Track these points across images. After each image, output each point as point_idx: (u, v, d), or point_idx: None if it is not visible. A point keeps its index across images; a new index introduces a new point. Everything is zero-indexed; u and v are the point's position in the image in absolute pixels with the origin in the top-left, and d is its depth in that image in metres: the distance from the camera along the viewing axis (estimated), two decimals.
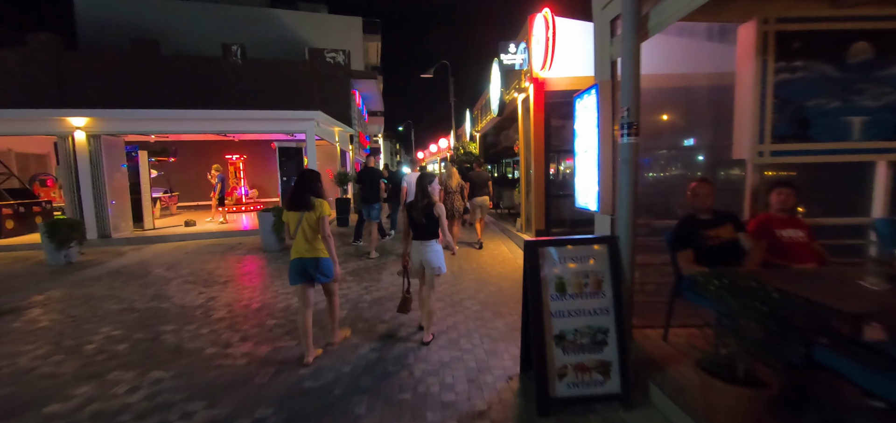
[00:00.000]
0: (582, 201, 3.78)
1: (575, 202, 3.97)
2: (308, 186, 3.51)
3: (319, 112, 10.56)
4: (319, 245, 3.53)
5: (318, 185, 3.56)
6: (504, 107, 9.22)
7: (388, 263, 7.24)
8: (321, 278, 3.59)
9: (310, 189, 3.50)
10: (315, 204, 3.47)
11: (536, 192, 7.01)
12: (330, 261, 3.60)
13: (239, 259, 7.89)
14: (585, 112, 3.54)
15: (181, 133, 10.54)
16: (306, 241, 3.50)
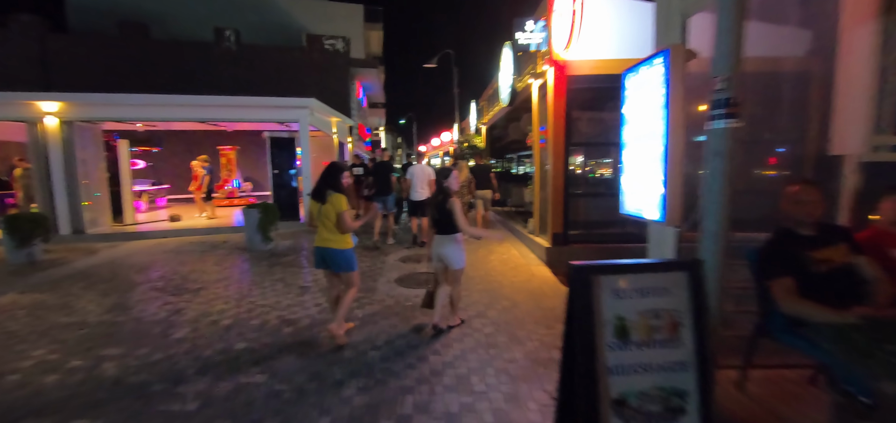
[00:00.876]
0: (632, 207, 2.95)
1: (620, 207, 3.13)
2: (327, 179, 3.65)
3: (313, 100, 9.72)
4: (335, 236, 3.64)
5: (338, 179, 3.64)
6: (515, 96, 8.36)
7: (380, 269, 6.43)
8: (335, 268, 3.74)
9: (328, 182, 3.63)
10: (329, 198, 3.58)
11: (553, 190, 6.17)
12: (345, 253, 3.68)
13: (219, 260, 7.08)
14: (640, 90, 2.70)
15: (161, 120, 9.71)
16: (325, 230, 3.65)
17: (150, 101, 9.05)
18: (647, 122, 2.62)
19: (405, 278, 5.81)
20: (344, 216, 3.55)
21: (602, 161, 8.15)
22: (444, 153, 28.16)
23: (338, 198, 3.57)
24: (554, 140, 6.08)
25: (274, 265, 6.69)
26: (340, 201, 3.57)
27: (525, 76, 7.78)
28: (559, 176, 6.13)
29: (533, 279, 5.69)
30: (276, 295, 5.20)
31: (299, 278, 5.90)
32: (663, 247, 2.81)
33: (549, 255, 6.27)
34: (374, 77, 20.59)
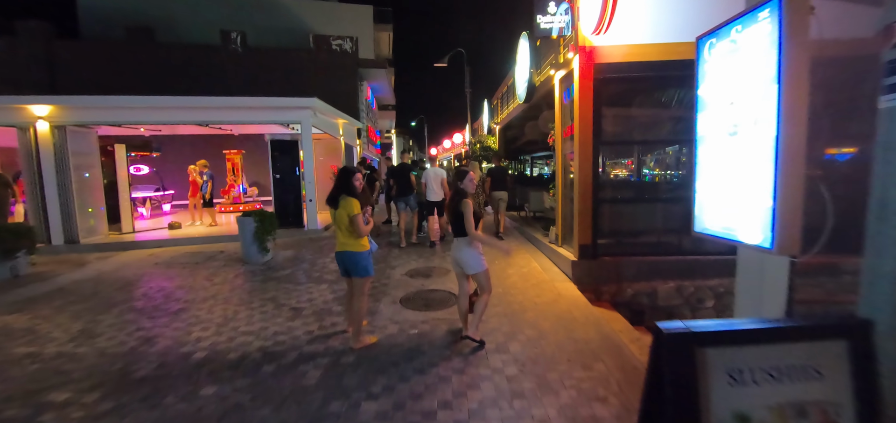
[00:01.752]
0: (714, 224, 2.19)
1: (694, 224, 2.36)
2: (340, 184, 3.66)
3: (316, 99, 9.11)
4: (351, 240, 3.64)
5: (350, 182, 3.64)
6: (533, 91, 7.60)
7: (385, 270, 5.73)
8: (351, 272, 3.74)
9: (341, 186, 3.64)
10: (341, 202, 3.61)
11: (580, 195, 5.40)
12: (361, 256, 3.67)
13: (212, 274, 6.48)
14: (730, 61, 1.93)
15: (158, 123, 9.22)
16: (342, 234, 3.67)
17: (143, 103, 8.56)
18: (743, 106, 1.85)
19: (412, 298, 5.10)
20: (356, 220, 3.53)
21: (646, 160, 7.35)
22: (456, 156, 27.46)
23: (349, 202, 3.56)
24: (580, 138, 5.31)
25: (268, 280, 6.05)
26: (351, 205, 3.55)
27: (545, 68, 7.01)
28: (587, 179, 5.35)
29: (559, 300, 4.92)
30: (263, 319, 4.54)
31: (293, 297, 5.24)
32: (766, 286, 2.06)
33: (575, 270, 5.49)
34: (384, 78, 20.03)
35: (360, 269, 3.68)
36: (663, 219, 5.90)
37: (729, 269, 5.54)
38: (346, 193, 3.60)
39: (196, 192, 9.94)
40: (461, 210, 3.58)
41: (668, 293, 5.55)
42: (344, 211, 3.56)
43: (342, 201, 3.58)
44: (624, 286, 5.53)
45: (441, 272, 6.16)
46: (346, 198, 3.58)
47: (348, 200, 3.56)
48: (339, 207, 3.60)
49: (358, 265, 3.66)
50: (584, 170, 5.33)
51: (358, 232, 3.55)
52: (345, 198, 3.58)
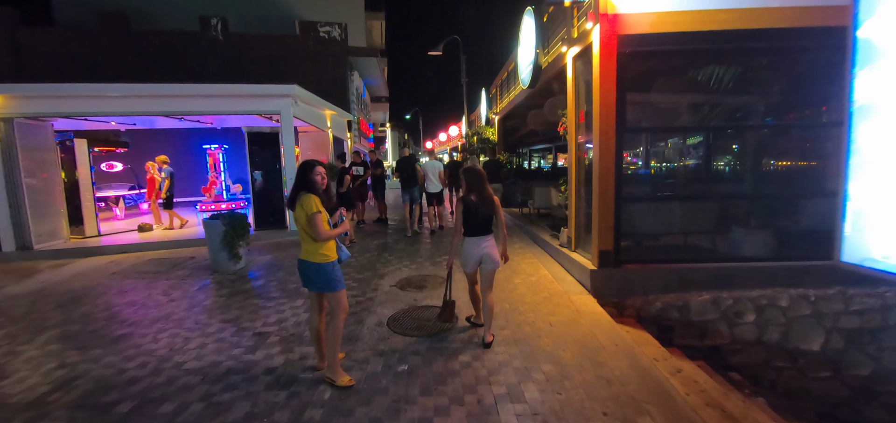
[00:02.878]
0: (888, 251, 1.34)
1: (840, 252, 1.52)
2: (298, 179, 3.04)
3: (296, 86, 8.20)
4: (314, 248, 2.99)
5: (308, 178, 3.01)
6: (538, 74, 6.74)
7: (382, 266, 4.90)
8: (310, 286, 3.10)
9: (299, 183, 3.03)
10: (298, 200, 2.96)
11: (600, 192, 4.57)
12: (321, 268, 3.00)
13: (173, 286, 5.62)
14: None
15: (117, 114, 8.26)
16: (304, 240, 3.03)
17: (98, 91, 7.62)
18: None
19: (402, 318, 4.26)
20: (315, 220, 2.91)
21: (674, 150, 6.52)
22: (452, 149, 26.57)
23: (307, 199, 2.94)
24: (601, 125, 4.47)
25: (236, 294, 5.20)
26: (309, 203, 2.93)
27: (555, 46, 6.15)
28: (608, 173, 4.52)
29: (578, 319, 4.10)
30: (218, 348, 3.70)
31: (260, 317, 4.39)
32: None
33: (594, 280, 4.68)
34: (375, 68, 19.07)
35: (322, 282, 3.04)
36: (696, 219, 5.10)
37: (773, 278, 4.75)
38: (304, 190, 2.98)
39: (157, 192, 9.02)
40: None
41: (703, 306, 4.76)
42: (301, 211, 2.94)
43: (299, 199, 2.96)
44: (650, 299, 4.73)
45: (436, 282, 5.33)
46: (305, 195, 2.96)
47: (306, 198, 2.95)
48: (296, 207, 2.97)
49: (320, 278, 3.03)
50: (604, 162, 4.49)
51: (317, 235, 2.92)
52: (303, 195, 2.96)
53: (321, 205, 2.97)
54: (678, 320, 4.79)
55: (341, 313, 3.06)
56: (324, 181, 3.07)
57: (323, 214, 2.96)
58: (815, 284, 4.73)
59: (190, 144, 15.29)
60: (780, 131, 5.06)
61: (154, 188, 9.08)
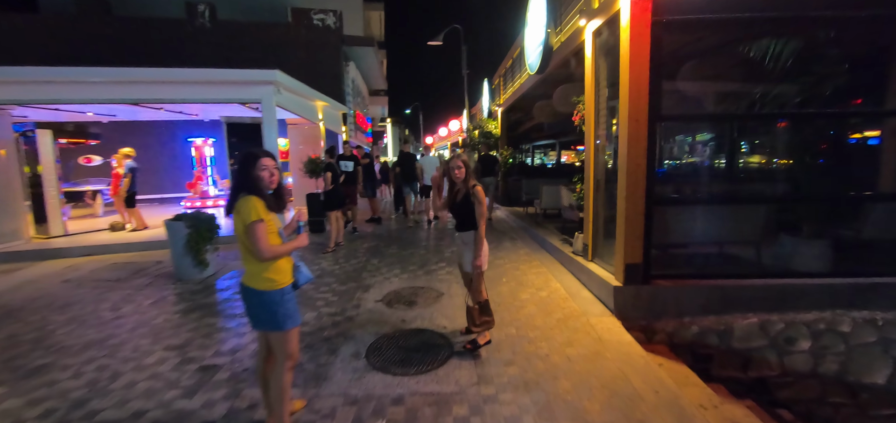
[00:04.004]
0: None
1: None
2: (237, 179, 2.23)
3: (278, 72, 7.40)
4: (256, 269, 2.20)
5: (250, 173, 2.18)
6: (549, 56, 5.92)
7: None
8: (252, 321, 2.30)
9: (237, 181, 2.23)
10: (236, 206, 2.17)
11: (629, 194, 3.76)
12: (262, 297, 2.20)
13: (125, 298, 4.85)
14: None
15: (78, 101, 7.42)
16: (245, 261, 2.24)
17: (57, 76, 6.82)
18: None
19: (384, 348, 3.47)
20: (254, 232, 2.12)
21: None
22: (453, 144, 25.76)
23: (245, 203, 2.15)
24: (630, 112, 3.66)
25: (193, 310, 4.42)
26: (247, 208, 2.13)
27: (570, 21, 5.33)
28: (638, 171, 3.72)
29: (603, 352, 3.31)
30: (150, 388, 2.93)
31: (213, 344, 3.62)
32: None
33: (619, 299, 3.89)
34: (372, 59, 18.23)
35: (268, 317, 2.24)
36: (741, 226, 4.31)
37: (832, 298, 3.96)
38: (244, 190, 2.19)
39: (118, 187, 8.23)
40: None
41: (748, 331, 3.97)
42: (238, 219, 2.16)
43: (237, 204, 2.16)
44: (686, 322, 3.94)
45: (429, 298, 4.56)
46: (244, 198, 2.15)
47: (244, 202, 2.14)
48: (234, 214, 2.18)
49: (263, 311, 2.23)
50: (633, 158, 3.68)
51: (258, 251, 2.12)
52: (241, 198, 2.16)
53: (265, 210, 2.18)
54: (718, 347, 4.00)
55: (287, 361, 2.29)
56: (273, 178, 2.28)
57: (267, 222, 2.18)
58: (883, 305, 3.93)
59: (175, 137, 14.52)
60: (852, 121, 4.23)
61: (118, 184, 8.29)
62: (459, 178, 3.21)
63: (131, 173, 8.01)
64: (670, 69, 3.92)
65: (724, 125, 5.25)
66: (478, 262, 3.19)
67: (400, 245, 7.20)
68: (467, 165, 3.22)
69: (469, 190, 3.18)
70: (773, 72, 3.74)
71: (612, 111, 4.23)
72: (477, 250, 3.18)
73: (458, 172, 3.21)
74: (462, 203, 3.22)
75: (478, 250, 3.18)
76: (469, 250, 3.25)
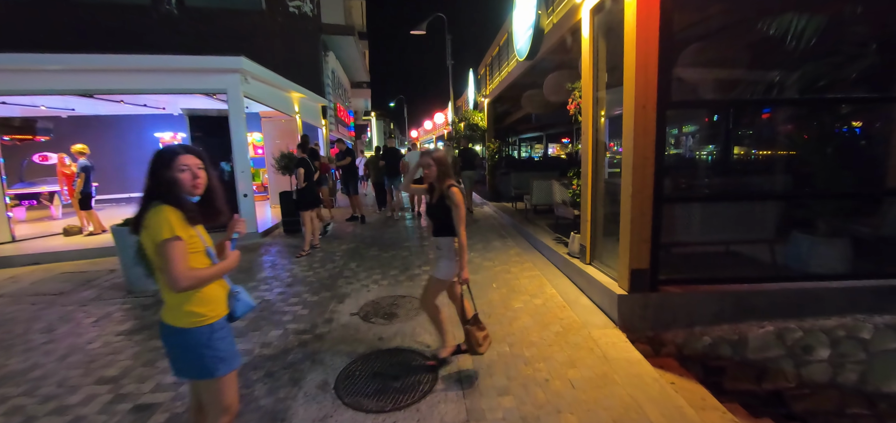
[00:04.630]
0: None
1: None
2: (146, 184, 1.70)
3: (243, 59, 6.77)
4: (176, 301, 1.69)
5: (163, 175, 1.67)
6: (540, 40, 5.46)
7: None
8: (173, 368, 1.78)
9: (147, 187, 1.69)
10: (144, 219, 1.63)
11: (635, 191, 3.33)
12: (182, 336, 1.69)
13: (64, 316, 4.24)
14: None
15: (18, 93, 6.66)
16: (162, 290, 1.72)
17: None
18: None
19: (358, 375, 2.98)
20: (166, 253, 1.58)
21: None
22: (438, 137, 25.22)
23: (155, 215, 1.60)
24: (637, 98, 3.22)
25: (138, 330, 3.85)
26: (158, 222, 1.59)
27: (563, 1, 4.86)
28: (646, 165, 3.28)
29: (610, 374, 2.88)
30: None
31: (154, 373, 3.07)
32: None
33: (624, 308, 3.47)
34: (353, 48, 17.50)
35: (192, 362, 1.73)
36: (757, 225, 3.94)
37: (852, 302, 3.61)
38: (156, 198, 1.66)
39: (71, 188, 7.50)
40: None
41: (764, 341, 3.60)
42: (147, 237, 1.63)
43: (145, 217, 1.63)
44: (697, 332, 3.55)
45: (411, 309, 4.08)
46: (155, 208, 1.62)
47: (154, 214, 1.61)
48: (141, 230, 1.65)
49: (185, 355, 1.72)
50: (640, 150, 3.25)
51: (171, 279, 1.59)
52: (152, 208, 1.63)
53: (184, 224, 1.66)
54: (731, 358, 3.63)
55: (222, 417, 1.78)
56: (198, 181, 1.76)
57: (188, 240, 1.66)
58: None
59: (141, 133, 13.65)
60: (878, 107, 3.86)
61: (71, 184, 7.55)
62: (430, 177, 2.79)
63: (85, 172, 7.28)
64: (680, 51, 3.49)
65: (739, 113, 4.83)
66: (465, 274, 2.74)
67: (381, 246, 6.68)
68: (440, 162, 2.79)
69: (444, 191, 2.73)
70: (795, 52, 3.35)
71: (614, 98, 3.79)
72: (460, 260, 2.73)
73: (427, 171, 2.79)
74: (437, 206, 2.79)
75: (460, 259, 2.73)
76: (445, 258, 2.81)
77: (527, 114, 10.90)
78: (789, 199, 4.09)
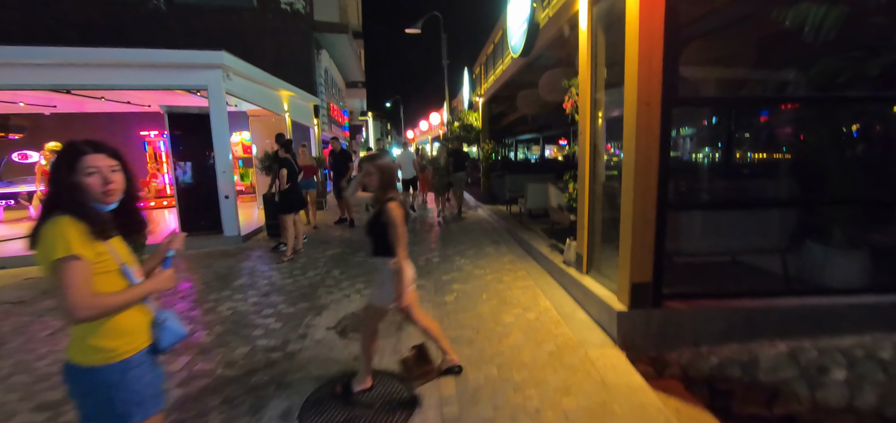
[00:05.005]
0: None
1: None
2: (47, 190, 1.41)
3: (224, 54, 6.44)
4: (79, 333, 1.39)
5: (65, 180, 1.37)
6: (535, 35, 5.16)
7: None
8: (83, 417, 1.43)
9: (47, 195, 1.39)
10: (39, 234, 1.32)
11: (636, 197, 3.03)
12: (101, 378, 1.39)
13: (17, 329, 3.91)
14: None
15: None
16: None
17: None
18: None
19: (328, 396, 2.66)
20: (61, 274, 1.26)
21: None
22: (434, 138, 24.92)
23: (50, 230, 1.29)
24: (640, 94, 2.92)
25: None
26: (52, 239, 1.29)
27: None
28: (649, 168, 2.98)
29: (610, 403, 2.57)
30: None
31: None
32: None
33: (624, 326, 3.16)
34: (347, 47, 17.19)
35: (101, 410, 1.40)
36: (771, 235, 3.64)
37: (875, 318, 3.31)
38: (56, 208, 1.34)
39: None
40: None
41: (776, 361, 3.31)
42: (41, 255, 1.31)
43: (42, 230, 1.31)
44: (703, 352, 3.25)
45: (392, 323, 3.75)
46: (52, 220, 1.31)
47: (50, 227, 1.30)
48: (37, 247, 1.32)
49: (92, 400, 1.40)
50: (643, 151, 2.95)
51: (70, 306, 1.27)
52: (50, 219, 1.31)
53: (85, 240, 1.33)
54: (741, 380, 3.33)
55: None
56: (110, 187, 1.44)
57: (95, 258, 1.34)
58: None
59: (128, 131, 13.27)
60: None
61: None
62: (371, 187, 2.47)
63: None
64: (688, 43, 3.18)
65: (750, 111, 4.53)
66: (404, 302, 2.44)
67: (368, 252, 6.35)
68: (384, 171, 2.46)
69: (382, 206, 2.40)
70: (814, 46, 3.06)
71: (613, 95, 3.50)
72: (395, 285, 2.41)
73: (368, 179, 2.46)
74: (375, 221, 2.45)
75: (397, 284, 2.40)
76: (384, 282, 2.49)
77: (523, 115, 10.61)
78: (804, 205, 3.79)
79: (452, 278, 4.96)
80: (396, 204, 2.39)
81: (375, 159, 2.49)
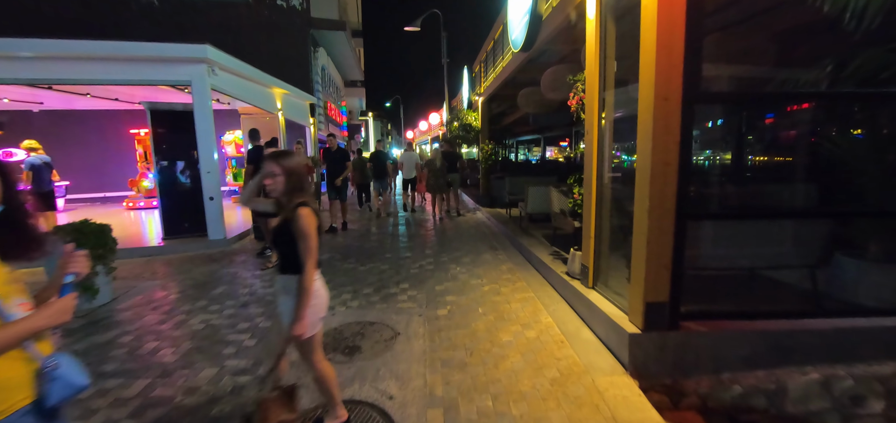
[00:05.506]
0: None
1: None
2: None
3: (209, 48, 6.10)
4: None
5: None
6: (538, 27, 4.81)
7: None
8: None
9: None
10: None
11: (655, 205, 2.67)
12: None
13: None
14: None
15: None
16: None
17: None
18: None
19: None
20: None
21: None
22: (433, 138, 24.60)
23: None
24: (657, 89, 2.56)
25: None
26: None
27: None
28: (667, 172, 2.62)
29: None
30: None
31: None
32: None
33: (637, 350, 2.80)
34: (345, 45, 16.86)
35: None
36: (801, 249, 3.28)
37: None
38: None
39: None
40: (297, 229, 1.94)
41: (806, 390, 2.95)
42: None
43: None
44: (725, 380, 2.89)
45: (379, 340, 3.41)
46: None
47: None
48: None
49: None
50: (661, 153, 2.59)
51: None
52: None
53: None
54: (766, 411, 2.96)
55: None
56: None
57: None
58: None
59: (120, 128, 12.94)
60: None
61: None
62: (275, 191, 2.01)
63: (33, 170, 6.58)
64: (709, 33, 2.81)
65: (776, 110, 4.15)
66: (297, 328, 1.96)
67: (359, 258, 6.00)
68: (291, 173, 2.01)
69: (289, 214, 1.96)
70: (851, 37, 2.71)
71: (625, 92, 3.15)
72: (297, 307, 1.96)
73: (271, 182, 1.99)
74: (282, 231, 2.00)
75: (299, 307, 1.95)
76: (289, 299, 2.04)
77: (524, 115, 10.25)
78: (839, 216, 3.42)
79: (447, 289, 4.60)
80: (309, 211, 1.96)
81: (281, 159, 2.02)
